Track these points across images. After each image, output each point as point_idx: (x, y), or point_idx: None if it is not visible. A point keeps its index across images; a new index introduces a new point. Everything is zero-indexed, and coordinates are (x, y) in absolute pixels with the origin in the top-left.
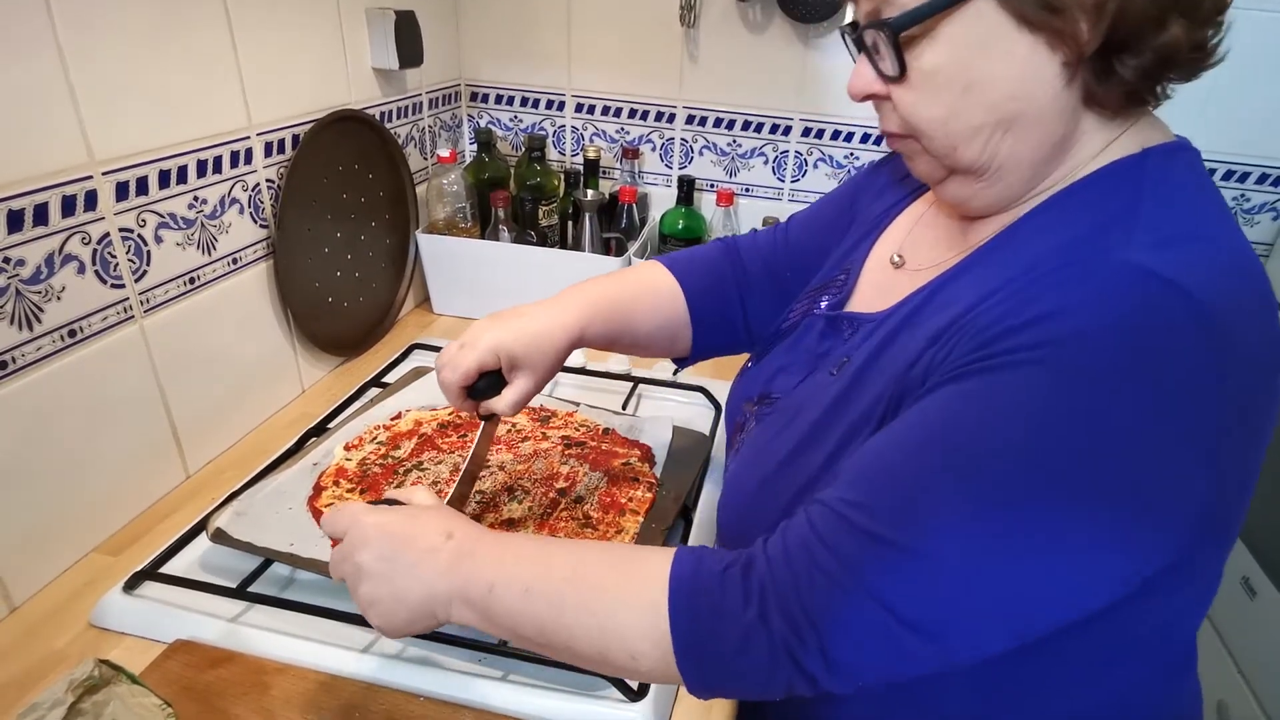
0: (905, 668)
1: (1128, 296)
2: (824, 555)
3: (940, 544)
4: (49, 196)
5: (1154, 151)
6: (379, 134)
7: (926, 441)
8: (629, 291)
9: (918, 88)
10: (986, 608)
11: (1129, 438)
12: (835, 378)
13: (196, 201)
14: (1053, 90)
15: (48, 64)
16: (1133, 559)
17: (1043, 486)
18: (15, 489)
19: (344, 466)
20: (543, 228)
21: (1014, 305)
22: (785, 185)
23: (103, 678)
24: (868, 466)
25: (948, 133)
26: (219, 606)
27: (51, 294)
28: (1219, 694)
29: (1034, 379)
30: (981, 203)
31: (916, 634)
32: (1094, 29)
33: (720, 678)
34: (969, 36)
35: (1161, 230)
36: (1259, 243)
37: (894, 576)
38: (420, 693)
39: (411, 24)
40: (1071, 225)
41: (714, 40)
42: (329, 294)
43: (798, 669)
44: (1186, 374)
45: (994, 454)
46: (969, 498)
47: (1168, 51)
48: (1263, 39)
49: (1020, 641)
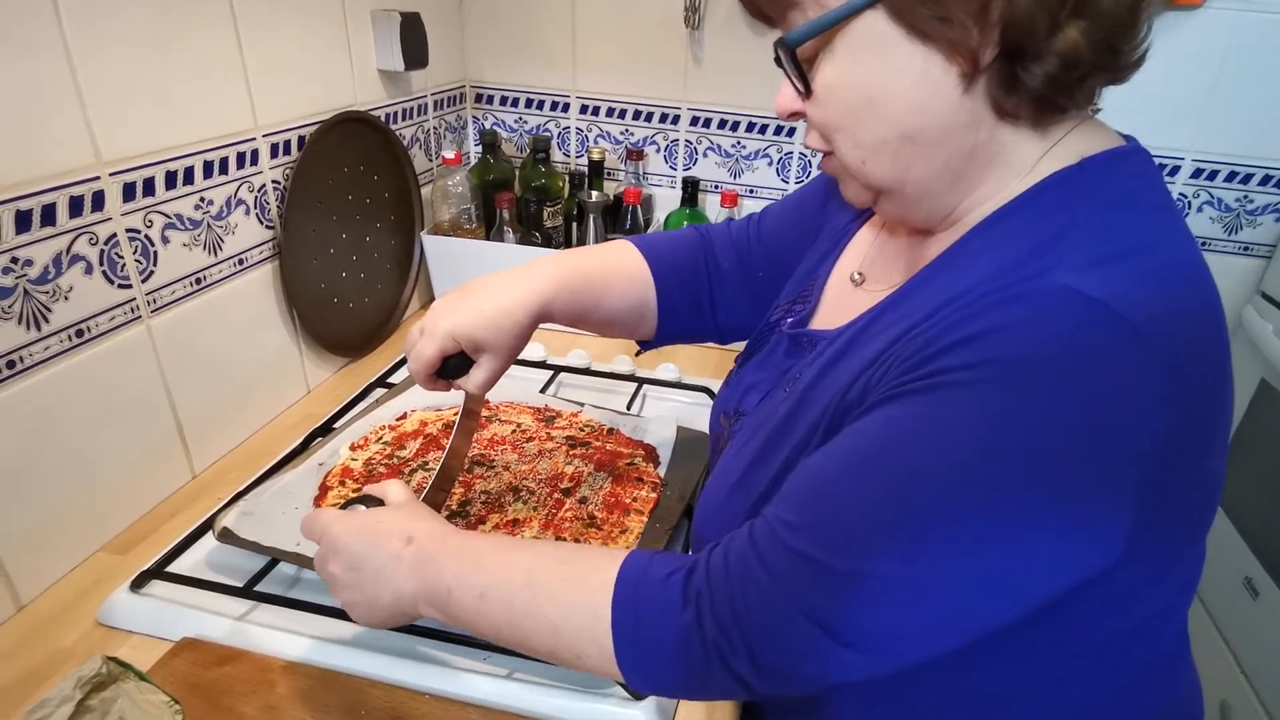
0: (839, 675)
1: (1056, 318)
2: (758, 569)
3: (868, 563)
4: (56, 197)
5: (1091, 162)
6: (384, 135)
7: (858, 463)
8: (599, 270)
9: (823, 104)
10: (917, 621)
11: (1055, 455)
12: (787, 395)
13: (203, 202)
14: (952, 102)
15: (55, 65)
16: (1066, 564)
17: (969, 504)
18: (23, 488)
19: (349, 467)
20: (547, 229)
21: (947, 327)
22: (789, 186)
23: (111, 675)
24: (802, 486)
25: (856, 145)
26: (225, 605)
27: (59, 294)
28: (1221, 694)
29: (963, 398)
30: (917, 218)
31: (848, 648)
32: (984, 37)
33: (658, 675)
34: (864, 51)
35: (1094, 249)
36: (1261, 244)
37: (824, 594)
38: (426, 690)
39: (417, 25)
40: (1006, 248)
41: (718, 42)
42: (334, 295)
43: (729, 672)
44: (1115, 392)
45: (923, 474)
46: (898, 517)
47: (1069, 56)
48: (1264, 40)
49: (956, 646)
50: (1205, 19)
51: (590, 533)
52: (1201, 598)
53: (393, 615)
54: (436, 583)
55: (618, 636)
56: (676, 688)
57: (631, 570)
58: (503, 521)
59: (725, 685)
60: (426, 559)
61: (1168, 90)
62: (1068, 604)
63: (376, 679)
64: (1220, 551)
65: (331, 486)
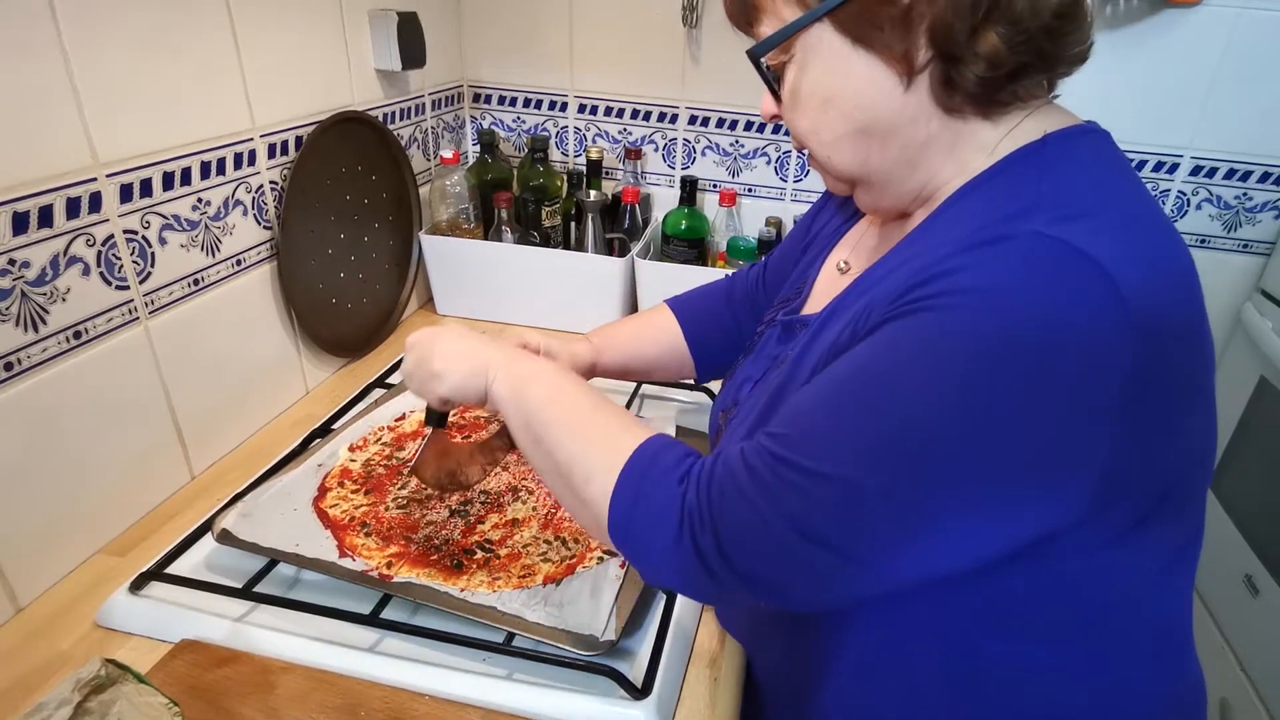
0: (806, 575)
1: (1027, 257)
2: (743, 472)
3: (838, 467)
4: (53, 199)
5: (1053, 137)
6: (382, 135)
7: (838, 382)
8: (631, 326)
9: (792, 106)
10: (887, 527)
11: (1024, 391)
12: (779, 373)
13: (200, 203)
14: (897, 99)
15: (52, 66)
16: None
17: (934, 418)
18: (21, 490)
19: (348, 468)
20: (545, 229)
21: (925, 267)
22: (788, 185)
23: (109, 677)
24: (792, 406)
25: (820, 143)
26: (225, 606)
27: (56, 296)
28: (1222, 692)
29: (935, 319)
30: (888, 205)
31: (817, 545)
32: (913, 43)
33: (637, 525)
34: (817, 58)
35: (1064, 209)
36: (1260, 241)
37: (796, 495)
38: (426, 691)
39: (414, 25)
40: (978, 213)
41: (716, 41)
42: (333, 295)
43: (695, 546)
44: (1087, 339)
45: (893, 388)
46: (871, 428)
47: (992, 58)
48: (1262, 38)
49: (929, 571)
50: (1203, 17)
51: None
52: (1201, 595)
53: (471, 372)
54: (524, 370)
55: (621, 480)
56: (649, 543)
57: (656, 443)
58: (502, 521)
59: (689, 556)
60: (522, 357)
61: (1166, 88)
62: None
63: (376, 680)
64: (1220, 549)
65: (330, 487)
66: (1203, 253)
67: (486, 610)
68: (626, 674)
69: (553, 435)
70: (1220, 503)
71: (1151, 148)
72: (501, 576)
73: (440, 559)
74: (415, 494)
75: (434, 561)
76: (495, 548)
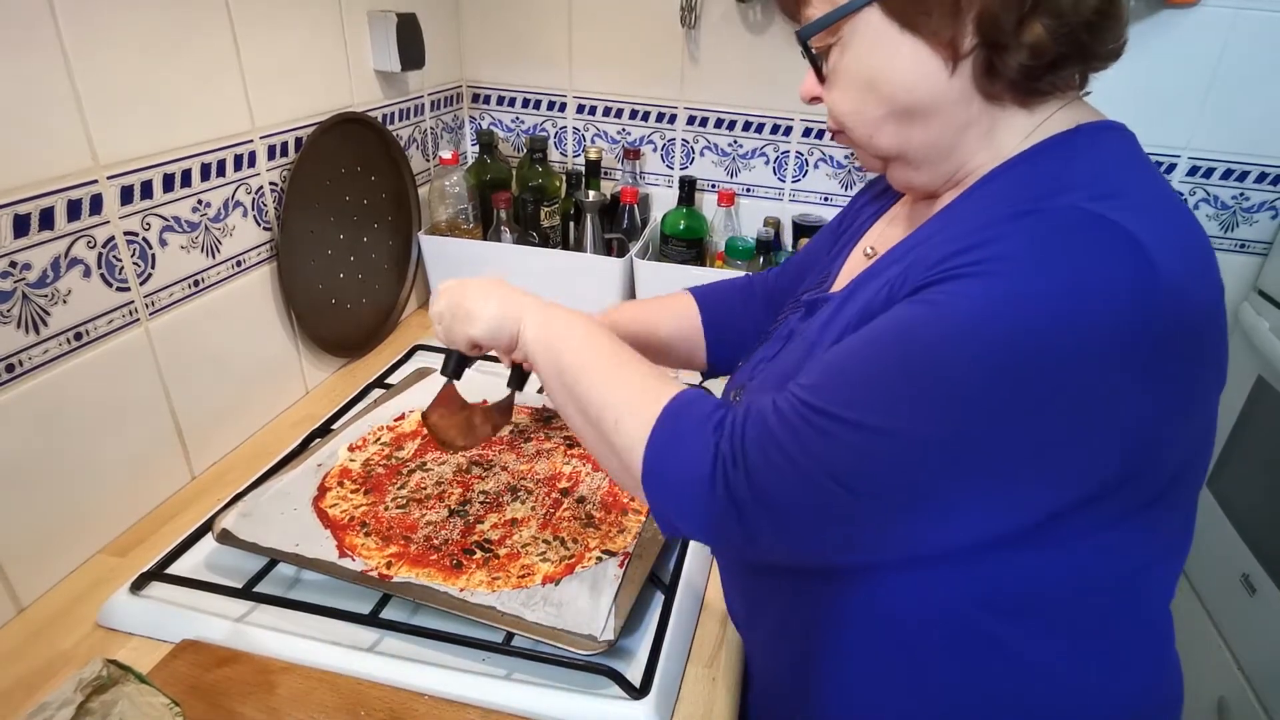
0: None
1: (1071, 230)
2: (773, 416)
3: (863, 415)
4: (54, 201)
5: (1085, 127)
6: (381, 136)
7: (876, 338)
8: (651, 304)
9: (835, 87)
10: (913, 478)
11: (1060, 357)
12: (801, 341)
13: (200, 205)
14: (940, 84)
15: (52, 69)
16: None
17: (971, 385)
18: (23, 491)
19: (348, 467)
20: (544, 229)
21: (959, 236)
22: (786, 185)
23: (111, 677)
24: (824, 361)
25: (861, 122)
26: (225, 606)
27: (57, 297)
28: (1218, 690)
29: (976, 287)
30: (921, 183)
31: (842, 489)
32: (959, 30)
33: (671, 471)
34: (864, 40)
35: (1096, 187)
36: (1257, 241)
37: (825, 440)
38: (425, 691)
39: (413, 26)
40: (1011, 192)
41: (715, 41)
42: (332, 296)
43: (727, 484)
44: (1122, 307)
45: (930, 349)
46: (906, 383)
47: (1036, 48)
48: (1260, 38)
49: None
50: (1201, 17)
51: (588, 532)
52: (1198, 594)
53: (501, 313)
54: (555, 315)
55: (657, 426)
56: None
57: (687, 394)
58: (501, 521)
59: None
60: (553, 305)
61: (1164, 88)
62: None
63: (376, 680)
64: (1217, 548)
65: (330, 487)
66: None
67: (486, 610)
68: (625, 673)
69: (585, 381)
70: (1218, 502)
71: (1149, 148)
72: (500, 576)
73: (440, 559)
74: (415, 493)
75: (433, 561)
76: (494, 547)
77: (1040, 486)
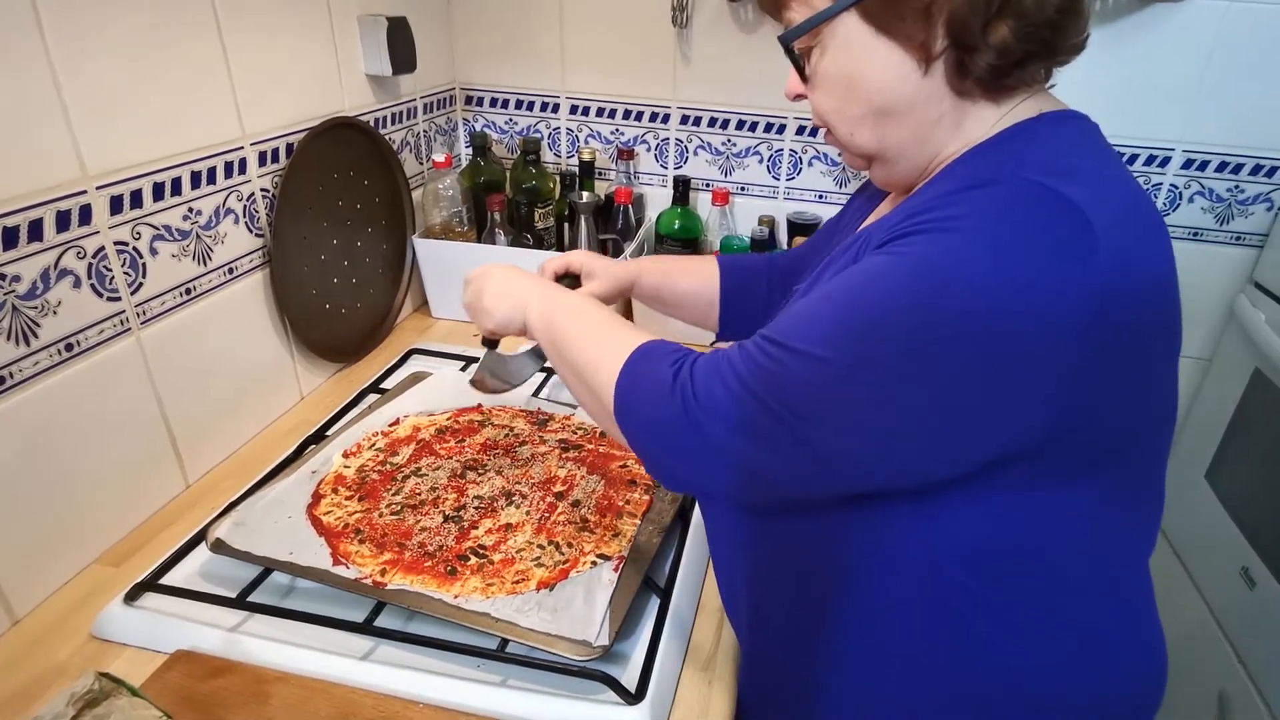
0: (775, 445)
1: (1017, 198)
2: (735, 352)
3: (818, 348)
4: (43, 212)
5: (1047, 115)
6: (373, 140)
7: (834, 286)
8: (676, 260)
9: (817, 87)
10: (850, 413)
11: (996, 310)
12: None
13: (191, 213)
14: (914, 84)
15: (39, 79)
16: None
17: (910, 328)
18: (15, 502)
19: (342, 474)
20: (539, 230)
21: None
22: (780, 183)
23: (103, 690)
24: (789, 310)
25: (843, 121)
26: (219, 616)
27: (48, 309)
28: (1219, 683)
29: (925, 242)
30: (900, 178)
31: (786, 409)
32: (931, 33)
33: (636, 398)
34: (842, 44)
35: (1052, 165)
36: (1252, 233)
37: (775, 365)
38: (420, 699)
39: (404, 29)
40: (974, 171)
41: (706, 40)
42: (326, 300)
43: (681, 397)
44: (1061, 270)
45: (879, 291)
46: (852, 318)
47: (1002, 48)
48: (1252, 31)
49: (888, 468)
50: (1193, 11)
51: (583, 536)
52: (1199, 588)
53: (514, 305)
54: (552, 299)
55: (626, 365)
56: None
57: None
58: (496, 525)
59: (676, 411)
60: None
61: (1157, 82)
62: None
63: (370, 688)
64: (1216, 541)
65: (325, 494)
66: (1196, 245)
67: (480, 617)
68: (620, 678)
69: (570, 343)
70: (1216, 495)
71: (1143, 142)
72: (495, 582)
73: (434, 565)
74: (409, 499)
75: (428, 568)
76: (489, 553)
77: (963, 430)
